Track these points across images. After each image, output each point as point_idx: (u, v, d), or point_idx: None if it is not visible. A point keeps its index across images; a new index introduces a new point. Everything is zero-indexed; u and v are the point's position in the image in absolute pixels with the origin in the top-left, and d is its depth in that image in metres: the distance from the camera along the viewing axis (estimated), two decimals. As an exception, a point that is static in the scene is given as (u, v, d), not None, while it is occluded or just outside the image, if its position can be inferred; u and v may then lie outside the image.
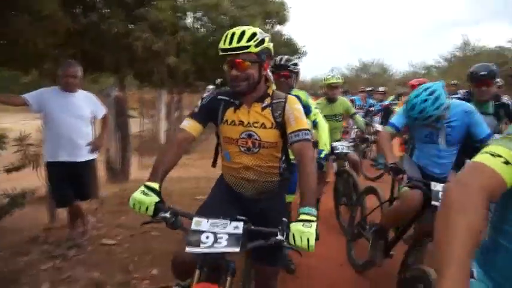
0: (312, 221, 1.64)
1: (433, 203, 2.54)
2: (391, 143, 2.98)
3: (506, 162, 1.00)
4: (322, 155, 3.47)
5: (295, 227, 1.61)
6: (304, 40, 63.48)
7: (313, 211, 1.69)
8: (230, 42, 1.87)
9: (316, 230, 1.60)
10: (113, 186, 6.34)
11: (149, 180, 1.86)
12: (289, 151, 2.11)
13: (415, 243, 2.74)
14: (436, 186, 2.57)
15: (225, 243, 1.57)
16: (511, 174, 1.00)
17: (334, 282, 3.41)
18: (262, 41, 1.91)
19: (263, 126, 1.99)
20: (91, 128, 3.90)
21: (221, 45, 1.92)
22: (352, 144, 4.87)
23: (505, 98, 3.51)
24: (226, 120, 2.04)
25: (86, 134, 3.80)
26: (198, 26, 14.55)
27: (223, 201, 2.10)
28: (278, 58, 3.56)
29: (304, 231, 1.58)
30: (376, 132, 6.44)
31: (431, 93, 2.69)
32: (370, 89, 10.35)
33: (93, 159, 3.92)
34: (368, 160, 8.17)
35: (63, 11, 5.23)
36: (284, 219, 1.69)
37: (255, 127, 2.00)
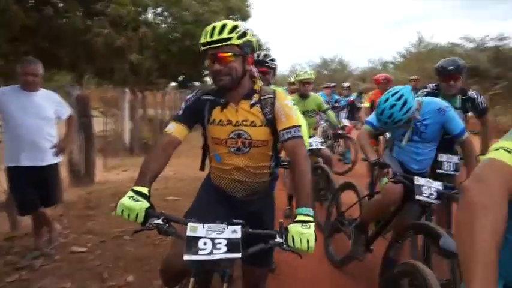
0: (310, 221, 1.60)
1: (416, 197, 2.57)
2: (369, 140, 3.02)
3: None
4: None
5: (294, 228, 1.56)
6: (266, 37, 63.78)
7: (310, 211, 1.65)
8: (211, 35, 1.78)
9: (314, 230, 1.56)
10: (77, 190, 6.03)
11: (137, 184, 1.73)
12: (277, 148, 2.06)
13: (396, 237, 2.77)
14: (419, 181, 2.61)
15: (224, 249, 1.48)
16: None
17: (314, 278, 3.41)
18: (245, 34, 1.84)
19: (253, 124, 1.91)
20: (55, 130, 3.66)
21: (202, 40, 1.81)
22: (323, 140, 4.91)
23: (471, 92, 3.61)
24: (214, 120, 1.94)
25: (49, 136, 3.55)
26: (159, 22, 14.23)
27: (212, 203, 2.01)
28: (255, 54, 3.49)
29: (303, 232, 1.54)
30: (343, 128, 6.54)
31: (399, 98, 2.72)
32: (333, 84, 10.50)
33: (57, 163, 3.68)
34: (336, 155, 8.30)
35: (17, 4, 4.89)
36: (281, 221, 1.64)
37: (245, 125, 1.91)
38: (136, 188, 1.70)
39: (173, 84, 19.48)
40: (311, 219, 1.61)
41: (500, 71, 15.97)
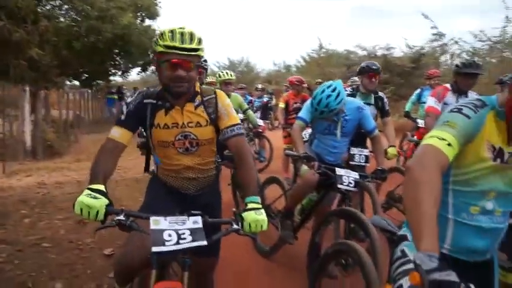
0: (260, 208, 1.79)
1: (338, 185, 2.93)
2: (301, 135, 3.32)
3: (449, 144, 1.31)
4: None
5: (250, 216, 1.73)
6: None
7: (258, 199, 1.84)
8: (182, 42, 1.80)
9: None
10: (-25, 198, 5.41)
11: (91, 183, 1.73)
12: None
13: (321, 223, 3.10)
14: (340, 172, 2.98)
15: (190, 238, 1.59)
16: (452, 153, 1.31)
17: (246, 269, 3.59)
18: (203, 48, 1.92)
19: (198, 125, 2.00)
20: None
21: (168, 43, 1.81)
22: None
23: (381, 93, 4.22)
24: (158, 124, 1.98)
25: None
26: (59, 16, 13.21)
27: (163, 199, 2.07)
28: None
29: (258, 219, 1.72)
30: (259, 127, 6.87)
31: (333, 90, 3.08)
32: (244, 86, 10.86)
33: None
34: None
35: None
36: (234, 209, 1.81)
37: (190, 127, 1.99)
38: (93, 186, 1.71)
39: (75, 83, 18.16)
40: (260, 206, 1.80)
41: (388, 77, 17.94)
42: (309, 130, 5.36)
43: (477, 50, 16.17)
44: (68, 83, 20.09)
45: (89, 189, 1.68)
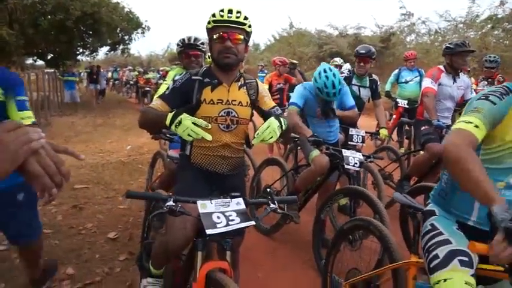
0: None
1: (345, 166, 3.09)
2: (299, 119, 3.42)
3: (476, 126, 1.49)
4: None
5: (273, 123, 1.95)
6: (144, 15, 60.68)
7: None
8: (230, 16, 1.98)
9: None
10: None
11: (164, 116, 1.90)
12: None
13: (327, 200, 3.24)
14: (346, 153, 3.14)
15: (238, 219, 1.67)
16: (480, 134, 1.49)
17: (247, 246, 3.72)
18: (251, 25, 2.07)
19: (240, 104, 2.15)
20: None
21: (217, 17, 2.01)
22: None
23: (375, 76, 4.39)
24: (205, 100, 2.09)
25: None
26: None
27: (195, 183, 2.13)
28: (186, 37, 3.58)
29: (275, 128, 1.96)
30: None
31: (334, 75, 3.21)
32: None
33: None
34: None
35: None
36: (268, 189, 1.91)
37: (234, 105, 2.13)
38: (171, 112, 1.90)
39: (41, 62, 17.35)
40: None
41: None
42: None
43: (441, 30, 16.82)
44: (31, 61, 19.19)
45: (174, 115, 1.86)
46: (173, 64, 20.56)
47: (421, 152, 4.22)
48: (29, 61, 18.76)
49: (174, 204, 1.67)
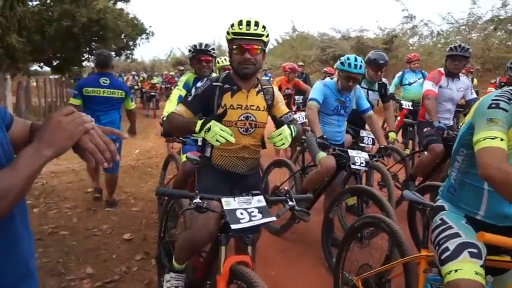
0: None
1: (352, 166, 3.19)
2: (317, 115, 3.50)
3: (502, 140, 1.53)
4: None
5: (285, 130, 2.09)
6: (148, 20, 61.03)
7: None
8: (248, 28, 2.09)
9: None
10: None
11: (193, 123, 2.04)
12: None
13: (334, 200, 3.34)
14: (352, 153, 3.24)
15: (260, 215, 1.78)
16: (505, 145, 1.54)
17: (263, 245, 3.80)
18: (268, 34, 2.18)
19: (258, 108, 2.28)
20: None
21: (236, 30, 2.12)
22: None
23: (384, 79, 4.48)
24: (225, 105, 2.21)
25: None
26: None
27: (216, 182, 2.24)
28: (197, 43, 3.71)
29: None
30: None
31: (356, 59, 3.37)
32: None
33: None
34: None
35: None
36: (286, 188, 2.02)
37: (252, 109, 2.26)
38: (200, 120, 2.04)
39: (46, 69, 17.55)
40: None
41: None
42: (303, 114, 5.63)
43: (443, 32, 16.92)
44: (38, 69, 19.37)
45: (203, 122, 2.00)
46: (176, 69, 20.80)
47: (425, 153, 4.32)
48: (34, 67, 18.90)
49: (200, 201, 1.78)
